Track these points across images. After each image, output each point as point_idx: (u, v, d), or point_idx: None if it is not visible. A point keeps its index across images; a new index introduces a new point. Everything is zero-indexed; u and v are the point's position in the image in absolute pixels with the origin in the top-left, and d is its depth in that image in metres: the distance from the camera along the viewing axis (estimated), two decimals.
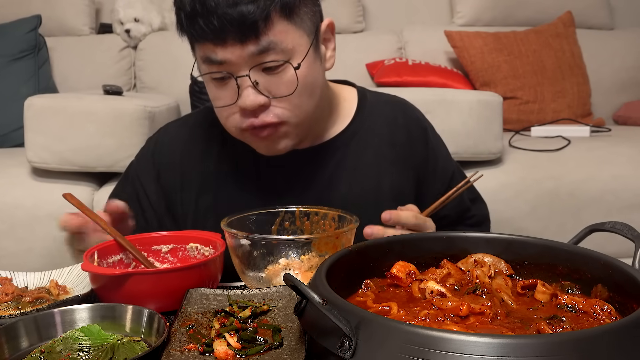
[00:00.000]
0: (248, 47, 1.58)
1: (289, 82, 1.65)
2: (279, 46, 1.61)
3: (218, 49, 1.60)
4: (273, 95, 1.65)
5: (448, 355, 0.83)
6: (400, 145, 1.94)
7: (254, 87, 1.63)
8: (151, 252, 1.59)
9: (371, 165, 1.91)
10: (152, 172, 1.95)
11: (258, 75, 1.63)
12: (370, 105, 1.98)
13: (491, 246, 1.32)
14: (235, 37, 1.57)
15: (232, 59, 1.60)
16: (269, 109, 1.67)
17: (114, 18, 4.60)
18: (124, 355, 1.12)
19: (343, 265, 1.19)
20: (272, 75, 1.64)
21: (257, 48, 1.59)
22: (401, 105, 2.05)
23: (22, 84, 4.12)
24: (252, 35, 1.57)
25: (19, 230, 3.15)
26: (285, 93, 1.65)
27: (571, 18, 4.66)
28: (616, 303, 1.13)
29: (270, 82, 1.64)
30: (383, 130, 1.95)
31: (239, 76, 1.62)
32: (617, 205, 3.28)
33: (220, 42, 1.59)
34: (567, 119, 4.25)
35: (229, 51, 1.59)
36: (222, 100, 1.69)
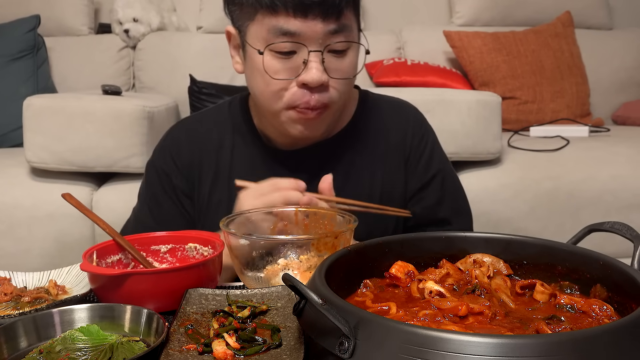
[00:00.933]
0: (327, 24, 1.65)
1: (350, 66, 1.75)
2: (347, 30, 1.70)
3: (296, 21, 1.65)
4: (333, 76, 1.71)
5: (447, 355, 0.83)
6: (397, 146, 1.97)
7: (321, 64, 1.68)
8: (150, 252, 1.58)
9: (366, 164, 1.95)
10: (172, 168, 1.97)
11: (325, 54, 1.69)
12: (370, 106, 2.02)
13: (490, 246, 1.32)
14: (317, 12, 1.63)
15: (308, 33, 1.65)
16: (325, 90, 1.72)
17: (113, 18, 4.60)
18: (123, 355, 1.11)
19: (342, 265, 1.19)
20: (336, 57, 1.71)
21: (334, 27, 1.66)
22: (401, 106, 2.08)
23: (21, 84, 4.12)
24: (334, 13, 1.65)
25: (18, 230, 3.15)
26: (345, 76, 1.74)
27: (570, 18, 4.66)
28: (615, 303, 1.13)
29: (333, 63, 1.71)
30: (380, 131, 1.98)
31: (313, 50, 1.67)
32: (616, 205, 3.28)
33: (301, 14, 1.64)
34: (566, 119, 4.25)
35: (308, 25, 1.64)
36: (281, 73, 1.71)
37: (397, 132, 1.99)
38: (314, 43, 1.67)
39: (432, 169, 2.00)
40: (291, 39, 1.66)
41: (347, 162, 1.94)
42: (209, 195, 1.94)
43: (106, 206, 3.15)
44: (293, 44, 1.67)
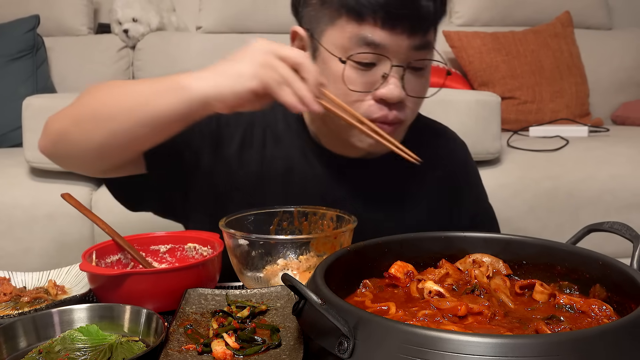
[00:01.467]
0: (413, 39, 1.57)
1: (425, 85, 1.68)
2: (430, 48, 1.63)
3: (382, 32, 1.54)
4: (409, 93, 1.63)
5: (446, 355, 0.83)
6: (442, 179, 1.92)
7: (400, 80, 1.60)
8: (149, 252, 1.59)
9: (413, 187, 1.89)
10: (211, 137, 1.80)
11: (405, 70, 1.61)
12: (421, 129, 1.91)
13: (489, 246, 1.32)
14: (406, 25, 1.54)
15: (393, 46, 1.56)
16: (401, 106, 1.63)
17: (112, 18, 4.60)
18: (122, 355, 1.12)
19: (341, 266, 1.20)
20: (414, 74, 1.63)
21: (419, 43, 1.58)
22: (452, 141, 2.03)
23: (21, 84, 4.12)
24: (422, 29, 1.57)
25: (17, 230, 3.15)
26: (420, 94, 1.67)
27: (569, 18, 4.66)
28: (614, 303, 1.13)
29: (411, 80, 1.62)
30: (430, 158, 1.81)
31: (395, 65, 1.58)
32: (615, 205, 3.28)
33: (389, 26, 1.54)
34: (565, 119, 4.25)
35: (394, 37, 1.55)
36: (359, 85, 1.60)
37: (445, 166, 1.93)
38: (397, 57, 1.57)
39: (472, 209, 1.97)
40: (374, 50, 1.56)
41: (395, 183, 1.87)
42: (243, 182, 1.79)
43: (105, 206, 3.15)
44: (375, 55, 1.57)
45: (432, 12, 1.57)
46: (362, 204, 1.80)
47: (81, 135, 1.54)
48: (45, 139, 1.64)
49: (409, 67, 1.60)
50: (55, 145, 1.62)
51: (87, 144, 1.54)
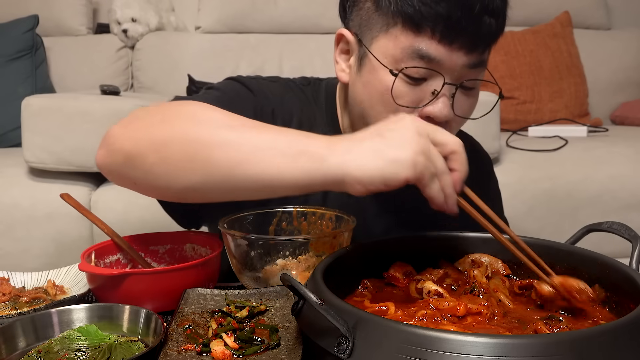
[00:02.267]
0: (470, 57, 1.45)
1: (472, 106, 1.58)
2: (484, 67, 1.52)
3: (440, 47, 1.43)
4: (457, 113, 1.52)
5: (445, 355, 0.83)
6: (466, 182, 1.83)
7: (450, 98, 1.48)
8: (148, 252, 1.59)
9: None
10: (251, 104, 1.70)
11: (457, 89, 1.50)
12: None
13: (488, 246, 1.32)
14: (465, 41, 1.43)
15: (448, 63, 1.44)
16: (447, 126, 1.49)
17: (111, 18, 4.60)
18: (121, 355, 1.12)
19: (340, 266, 1.20)
20: (464, 94, 1.52)
21: (475, 61, 1.47)
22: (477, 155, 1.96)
23: (20, 84, 4.12)
24: (480, 48, 1.46)
25: (16, 231, 3.15)
26: (467, 115, 1.57)
27: (568, 18, 4.66)
28: (613, 303, 1.13)
29: (461, 100, 1.51)
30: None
31: (448, 83, 1.46)
32: (614, 205, 3.28)
33: (447, 40, 1.42)
34: (564, 119, 4.25)
35: (451, 54, 1.44)
36: (406, 100, 1.49)
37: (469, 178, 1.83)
38: (451, 74, 1.46)
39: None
40: (428, 65, 1.45)
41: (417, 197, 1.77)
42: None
43: (105, 206, 3.15)
44: (428, 71, 1.46)
45: (493, 30, 1.46)
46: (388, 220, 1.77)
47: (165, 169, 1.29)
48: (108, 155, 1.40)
49: (462, 86, 1.50)
50: (122, 167, 1.37)
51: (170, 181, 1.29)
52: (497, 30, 1.48)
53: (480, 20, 1.42)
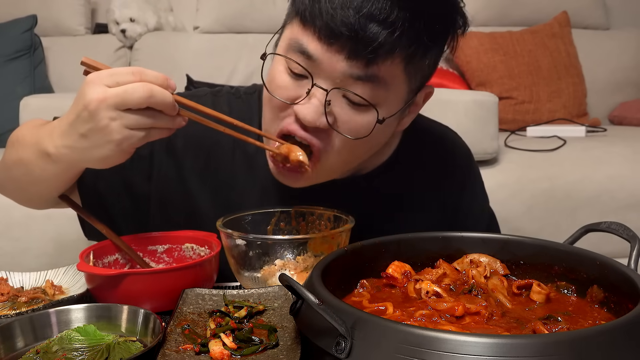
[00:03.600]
0: (351, 66, 1.38)
1: (361, 127, 1.45)
2: (379, 85, 1.41)
3: (318, 45, 1.39)
4: (336, 127, 1.45)
5: (443, 355, 0.83)
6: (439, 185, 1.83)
7: (324, 105, 1.41)
8: (147, 253, 1.58)
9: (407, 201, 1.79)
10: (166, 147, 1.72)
11: (336, 98, 1.43)
12: (416, 138, 1.81)
13: (487, 246, 1.32)
14: (345, 46, 1.37)
15: (324, 65, 1.40)
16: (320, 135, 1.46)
17: (110, 18, 4.60)
18: (120, 355, 1.11)
19: (339, 266, 1.20)
20: (352, 109, 1.44)
21: (359, 73, 1.39)
22: (452, 143, 1.92)
23: (18, 84, 4.12)
24: (365, 57, 1.37)
25: (15, 231, 3.15)
26: (348, 134, 1.45)
27: (567, 18, 4.66)
28: (612, 303, 1.13)
29: (344, 112, 1.44)
30: (425, 160, 1.82)
31: (318, 85, 1.41)
32: (612, 206, 3.29)
33: (327, 39, 1.38)
34: (562, 119, 4.26)
35: (328, 55, 1.39)
36: (282, 91, 1.47)
37: (442, 173, 1.84)
38: (326, 78, 1.40)
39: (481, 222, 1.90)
40: (307, 61, 1.41)
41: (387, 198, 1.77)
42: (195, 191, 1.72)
43: None
44: (303, 68, 1.42)
45: (382, 41, 1.35)
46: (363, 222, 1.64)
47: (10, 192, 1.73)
48: None
49: (344, 96, 1.42)
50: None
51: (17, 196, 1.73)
52: (391, 44, 1.37)
53: (365, 26, 1.35)
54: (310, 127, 1.44)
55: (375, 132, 1.46)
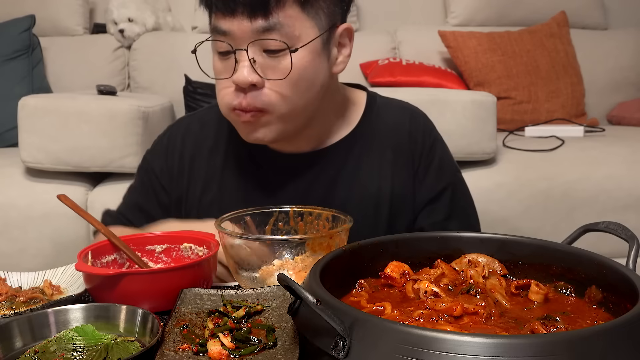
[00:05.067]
0: (255, 23, 1.59)
1: (286, 68, 1.64)
2: (284, 29, 1.61)
3: (226, 20, 1.62)
4: (267, 77, 1.64)
5: (442, 356, 0.83)
6: (404, 151, 1.91)
7: (250, 63, 1.62)
8: (145, 252, 1.58)
9: (373, 169, 1.89)
10: (164, 164, 1.95)
11: (257, 54, 1.63)
12: (377, 110, 1.96)
13: (485, 246, 1.32)
14: (244, 11, 1.59)
15: (236, 32, 1.61)
16: (259, 92, 1.65)
17: (108, 18, 4.60)
18: (118, 355, 1.11)
19: (337, 266, 1.19)
20: (272, 58, 1.64)
21: (263, 26, 1.60)
22: (410, 112, 2.00)
23: (16, 84, 4.12)
24: (261, 12, 1.58)
25: (13, 231, 3.15)
26: (279, 77, 1.64)
27: (565, 18, 4.66)
28: (610, 303, 1.13)
29: (268, 63, 1.64)
30: (388, 135, 1.92)
31: (238, 49, 1.62)
32: (610, 205, 3.29)
33: (229, 13, 1.61)
34: (561, 119, 4.26)
35: (236, 23, 1.61)
36: (221, 73, 1.70)
37: (406, 139, 1.93)
38: (243, 42, 1.62)
39: (441, 181, 1.93)
40: (224, 37, 1.65)
41: (353, 167, 1.88)
42: (200, 197, 1.90)
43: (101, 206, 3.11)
44: (225, 43, 1.65)
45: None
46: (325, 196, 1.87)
47: None
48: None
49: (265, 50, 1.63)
50: None
51: None
52: None
53: None
54: (248, 90, 1.65)
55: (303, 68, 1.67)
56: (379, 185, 1.88)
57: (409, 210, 1.91)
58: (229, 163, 1.91)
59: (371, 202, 1.87)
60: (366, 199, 1.87)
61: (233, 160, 1.91)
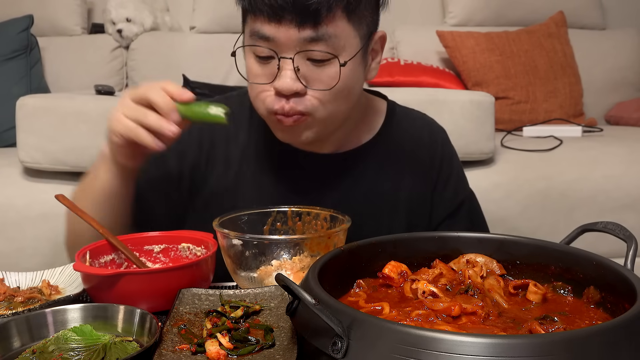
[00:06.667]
0: (302, 32, 1.57)
1: (331, 78, 1.63)
2: (332, 39, 1.59)
3: (271, 26, 1.58)
4: (311, 86, 1.62)
5: (440, 356, 0.83)
6: (422, 163, 1.94)
7: (294, 72, 1.60)
8: (143, 252, 1.58)
9: (390, 178, 1.90)
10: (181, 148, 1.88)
11: (302, 62, 1.61)
12: (398, 120, 1.98)
13: (483, 246, 1.32)
14: (292, 19, 1.55)
15: (282, 39, 1.58)
16: (302, 98, 1.63)
17: (106, 18, 4.60)
18: (116, 355, 1.11)
19: (335, 266, 1.20)
20: (316, 66, 1.62)
21: (311, 35, 1.57)
22: (429, 125, 2.03)
23: (14, 84, 4.11)
24: (311, 21, 1.56)
25: (11, 231, 3.15)
26: (323, 87, 1.63)
27: (563, 18, 4.67)
28: (608, 303, 1.13)
29: (312, 72, 1.62)
30: (407, 146, 1.94)
31: (283, 57, 1.60)
32: (609, 205, 3.29)
33: (276, 20, 1.57)
34: (559, 119, 4.26)
35: (282, 31, 1.57)
36: (259, 77, 1.66)
37: (425, 152, 1.95)
38: (288, 50, 1.59)
39: (459, 195, 1.98)
40: (266, 43, 1.60)
41: (371, 174, 1.89)
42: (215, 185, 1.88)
43: None
44: (268, 49, 1.61)
45: (321, 2, 1.55)
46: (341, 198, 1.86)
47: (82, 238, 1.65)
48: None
49: (309, 59, 1.61)
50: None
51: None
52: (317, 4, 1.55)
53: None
54: (291, 97, 1.63)
55: (347, 78, 1.65)
56: (396, 194, 1.90)
57: (424, 221, 1.93)
58: (247, 154, 1.89)
59: (386, 210, 1.89)
60: (382, 206, 1.89)
61: (252, 151, 1.89)
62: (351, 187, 1.88)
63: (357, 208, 1.74)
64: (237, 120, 1.90)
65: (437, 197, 1.94)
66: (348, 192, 1.87)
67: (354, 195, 1.87)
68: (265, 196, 1.81)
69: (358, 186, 1.88)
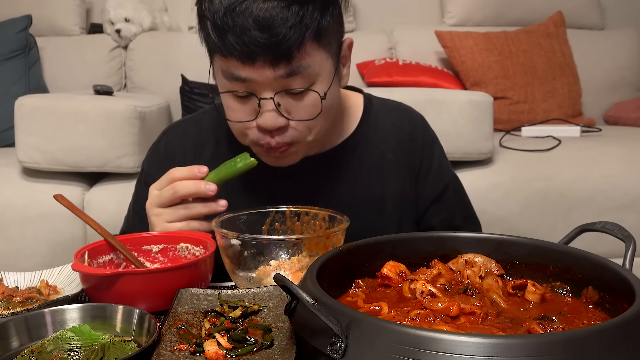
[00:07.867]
0: (277, 70, 1.55)
1: (312, 107, 1.63)
2: (306, 70, 1.59)
3: (245, 68, 1.56)
4: (294, 117, 1.63)
5: (438, 356, 0.83)
6: (404, 152, 1.94)
7: (276, 108, 1.60)
8: (142, 252, 1.58)
9: (374, 171, 1.91)
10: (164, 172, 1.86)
11: (281, 97, 1.60)
12: (375, 112, 1.98)
13: (482, 246, 1.32)
14: (265, 59, 1.54)
15: (258, 80, 1.57)
16: (286, 130, 1.65)
17: (105, 18, 4.60)
18: (115, 355, 1.11)
19: (333, 266, 1.19)
20: (296, 99, 1.62)
21: (286, 71, 1.56)
22: (407, 113, 2.03)
23: (13, 84, 4.11)
24: (284, 59, 1.54)
25: (9, 231, 3.15)
26: (306, 117, 1.64)
27: (562, 18, 4.67)
28: (607, 303, 1.13)
29: (292, 105, 1.62)
30: (387, 137, 1.94)
31: (263, 98, 1.59)
32: (607, 205, 3.29)
33: (249, 62, 1.55)
34: (557, 119, 4.26)
35: (257, 71, 1.56)
36: (240, 115, 1.66)
37: (406, 141, 1.95)
38: (266, 88, 1.58)
39: (443, 179, 1.98)
40: (243, 85, 1.60)
41: (355, 169, 1.90)
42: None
43: (98, 206, 3.15)
44: (246, 90, 1.61)
45: (291, 39, 1.53)
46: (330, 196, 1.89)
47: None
48: None
49: (286, 92, 1.60)
50: None
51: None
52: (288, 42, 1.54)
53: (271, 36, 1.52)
54: (275, 131, 1.65)
55: (327, 102, 1.66)
56: (381, 187, 1.91)
57: (412, 210, 1.94)
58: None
59: (374, 203, 1.89)
60: (369, 201, 1.89)
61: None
62: (335, 186, 1.89)
63: (344, 204, 1.74)
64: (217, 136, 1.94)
65: (421, 182, 1.95)
66: (333, 192, 1.88)
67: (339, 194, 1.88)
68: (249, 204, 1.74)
69: (342, 185, 1.88)
